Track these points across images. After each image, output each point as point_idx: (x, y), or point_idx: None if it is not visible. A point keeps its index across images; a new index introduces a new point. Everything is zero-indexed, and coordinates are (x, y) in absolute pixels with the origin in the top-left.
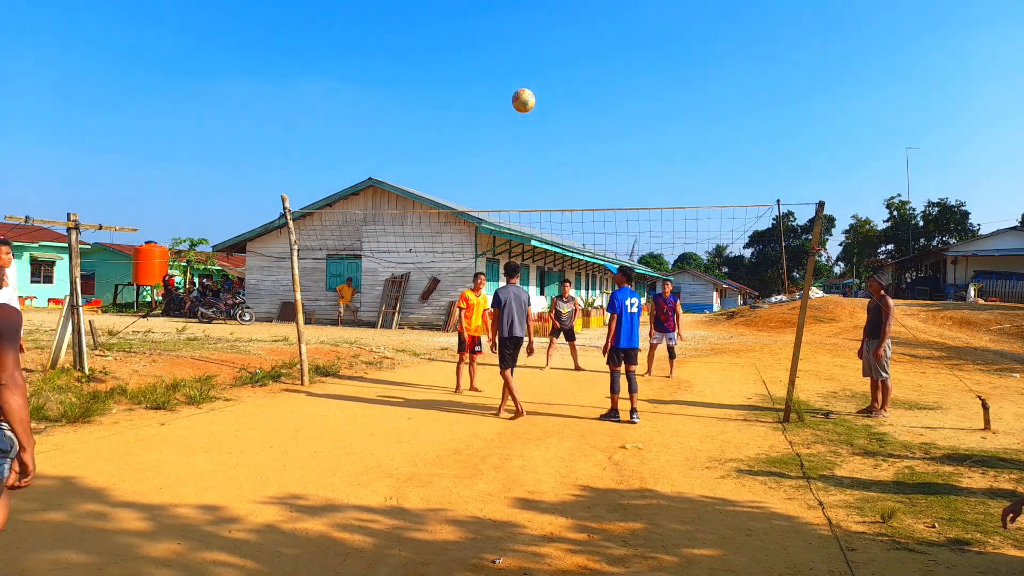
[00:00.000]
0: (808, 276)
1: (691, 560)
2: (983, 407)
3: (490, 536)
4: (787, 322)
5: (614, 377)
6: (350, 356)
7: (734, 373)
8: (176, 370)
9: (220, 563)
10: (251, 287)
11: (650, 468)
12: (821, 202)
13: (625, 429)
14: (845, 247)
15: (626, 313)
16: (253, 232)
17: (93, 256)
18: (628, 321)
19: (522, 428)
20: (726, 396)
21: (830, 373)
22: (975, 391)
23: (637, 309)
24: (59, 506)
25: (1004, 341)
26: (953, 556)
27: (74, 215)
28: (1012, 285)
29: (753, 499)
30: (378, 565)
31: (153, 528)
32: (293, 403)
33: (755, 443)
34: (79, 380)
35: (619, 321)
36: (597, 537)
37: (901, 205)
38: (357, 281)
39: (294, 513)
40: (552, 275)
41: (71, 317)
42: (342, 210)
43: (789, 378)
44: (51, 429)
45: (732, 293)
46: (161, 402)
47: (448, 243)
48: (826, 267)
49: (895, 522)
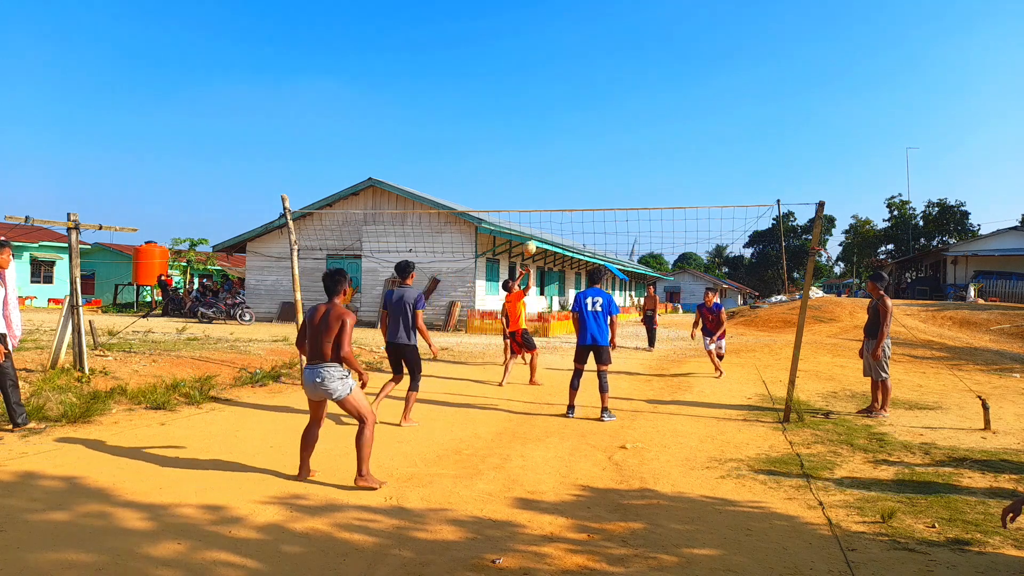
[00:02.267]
0: (808, 276)
1: (691, 560)
2: (983, 407)
3: (490, 536)
4: (787, 322)
5: (574, 374)
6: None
7: (734, 373)
8: (176, 370)
9: (221, 562)
10: (251, 287)
11: (650, 468)
12: (821, 202)
13: (625, 429)
14: (845, 247)
15: (586, 311)
16: (253, 232)
17: (93, 256)
18: (590, 319)
19: (522, 428)
20: (726, 396)
21: (830, 373)
22: (975, 391)
23: (602, 308)
24: (60, 506)
25: (1004, 341)
26: (953, 556)
27: (74, 215)
28: (1012, 285)
29: (753, 499)
30: (378, 565)
31: (154, 528)
32: (293, 403)
33: (755, 443)
34: (79, 380)
35: (579, 319)
36: (597, 537)
37: (901, 205)
38: (357, 281)
39: (295, 513)
40: (552, 275)
41: (71, 317)
42: (342, 210)
43: (789, 378)
44: (51, 429)
45: (732, 293)
46: (161, 402)
47: (448, 243)
48: (826, 267)
49: (895, 522)
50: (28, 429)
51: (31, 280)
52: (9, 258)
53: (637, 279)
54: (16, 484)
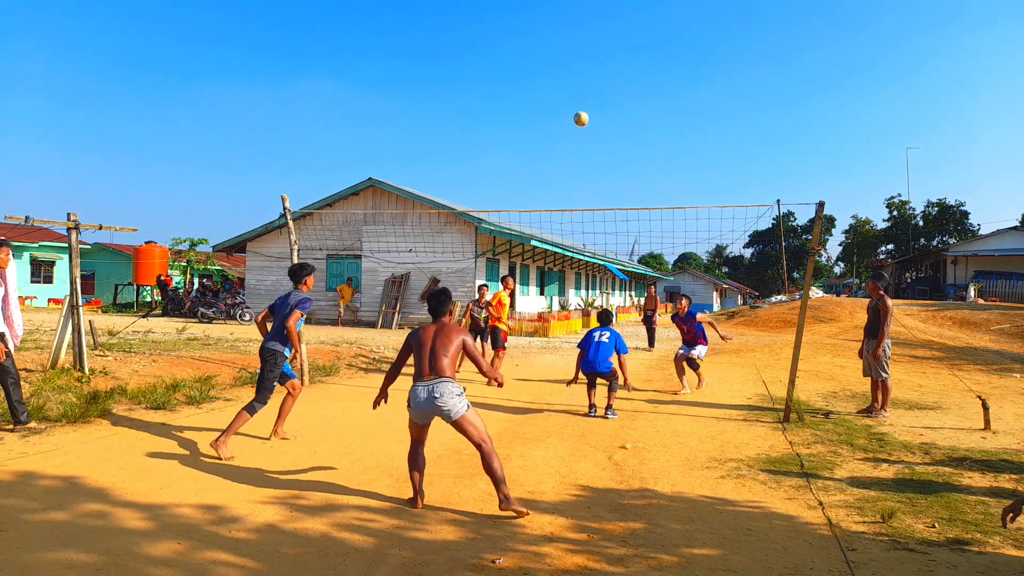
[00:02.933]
0: (808, 276)
1: (691, 560)
2: (983, 407)
3: (490, 536)
4: (787, 322)
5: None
6: (350, 356)
7: (734, 373)
8: (176, 370)
9: (220, 563)
10: (251, 287)
11: (650, 468)
12: (821, 202)
13: (625, 429)
14: (845, 247)
15: (592, 343)
16: (253, 232)
17: (93, 256)
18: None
19: (522, 428)
20: (726, 396)
21: (830, 373)
22: (975, 391)
23: (608, 339)
24: (60, 506)
25: (1004, 341)
26: (953, 556)
27: (74, 215)
28: (1012, 285)
29: (753, 499)
30: (378, 565)
31: (154, 528)
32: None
33: (755, 443)
34: (79, 380)
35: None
36: (597, 537)
37: (901, 205)
38: (357, 281)
39: (294, 513)
40: (552, 275)
41: (71, 317)
42: (342, 210)
43: (789, 378)
44: (51, 429)
45: (732, 293)
46: (161, 402)
47: (448, 243)
48: (826, 267)
49: (895, 522)
50: (28, 429)
51: (31, 280)
52: (8, 257)
53: (637, 279)
54: (16, 484)
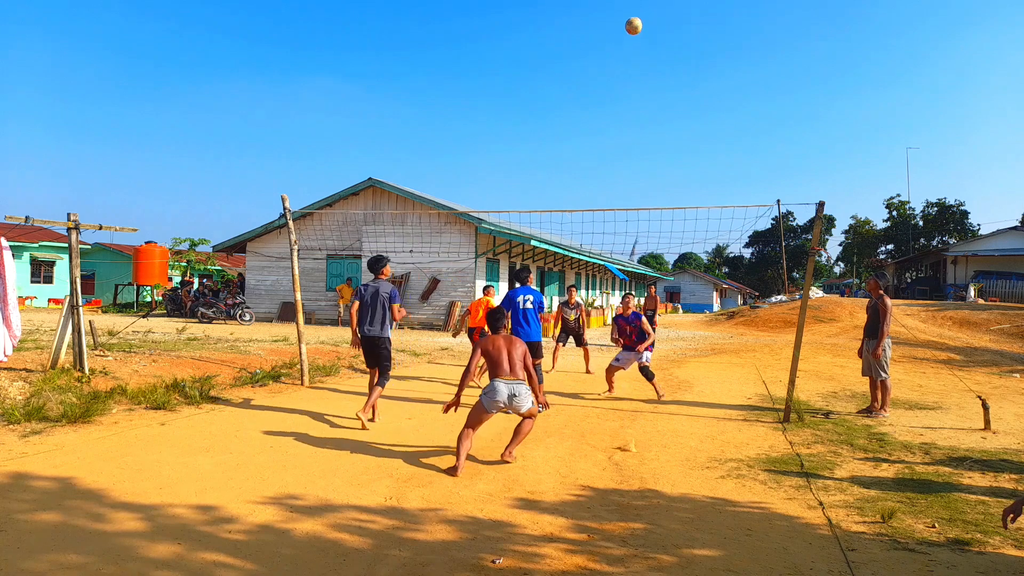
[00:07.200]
0: (808, 276)
1: (691, 560)
2: (983, 407)
3: (490, 536)
4: (787, 322)
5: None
6: (350, 356)
7: (734, 373)
8: (176, 370)
9: (219, 563)
10: (251, 287)
11: (650, 468)
12: (821, 202)
13: (625, 429)
14: (845, 247)
15: (518, 309)
16: (253, 232)
17: (93, 256)
18: (520, 316)
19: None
20: (726, 396)
21: (830, 373)
22: (975, 391)
23: (532, 305)
24: (58, 506)
25: (1004, 341)
26: (953, 556)
27: (74, 215)
28: (1012, 285)
29: (753, 499)
30: (377, 565)
31: (152, 528)
32: (293, 403)
33: (755, 443)
34: (79, 380)
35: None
36: (597, 537)
37: (901, 205)
38: (357, 281)
39: (293, 513)
40: (552, 275)
41: (71, 317)
42: (342, 210)
43: (789, 378)
44: (51, 429)
45: (732, 293)
46: (161, 402)
47: (448, 243)
48: (826, 267)
49: (895, 522)
50: (29, 429)
51: (31, 280)
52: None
53: (637, 279)
54: (15, 484)
